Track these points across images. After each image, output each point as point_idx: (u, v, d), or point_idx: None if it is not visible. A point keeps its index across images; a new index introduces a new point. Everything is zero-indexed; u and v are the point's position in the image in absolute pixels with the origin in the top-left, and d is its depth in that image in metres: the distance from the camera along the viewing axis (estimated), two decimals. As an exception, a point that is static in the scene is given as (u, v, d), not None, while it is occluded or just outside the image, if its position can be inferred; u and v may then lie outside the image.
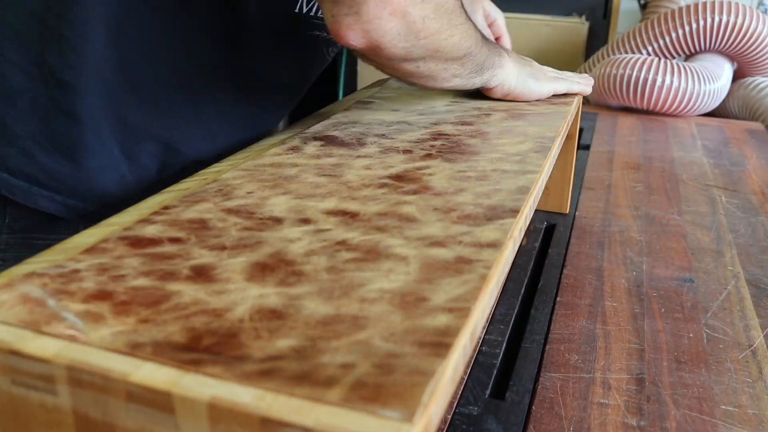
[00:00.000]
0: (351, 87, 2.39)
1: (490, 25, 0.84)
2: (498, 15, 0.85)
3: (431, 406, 0.23)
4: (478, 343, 0.56)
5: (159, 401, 0.23)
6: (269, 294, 0.30)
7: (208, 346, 0.26)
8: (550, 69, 0.73)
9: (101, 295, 0.29)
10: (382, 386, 0.23)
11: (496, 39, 0.85)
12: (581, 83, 0.73)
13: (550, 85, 0.69)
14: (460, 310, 0.28)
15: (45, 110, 0.51)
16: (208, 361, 0.25)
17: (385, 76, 0.84)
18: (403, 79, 0.55)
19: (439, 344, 0.26)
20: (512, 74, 0.65)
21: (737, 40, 1.39)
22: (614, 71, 1.36)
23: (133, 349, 0.25)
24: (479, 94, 0.68)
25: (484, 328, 0.59)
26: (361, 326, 0.27)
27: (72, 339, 0.26)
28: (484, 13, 0.83)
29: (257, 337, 0.26)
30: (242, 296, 0.29)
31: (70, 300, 0.29)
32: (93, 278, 0.31)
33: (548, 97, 0.70)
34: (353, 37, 0.46)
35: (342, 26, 0.46)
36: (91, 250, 0.33)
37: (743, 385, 0.52)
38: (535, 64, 0.70)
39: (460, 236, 0.36)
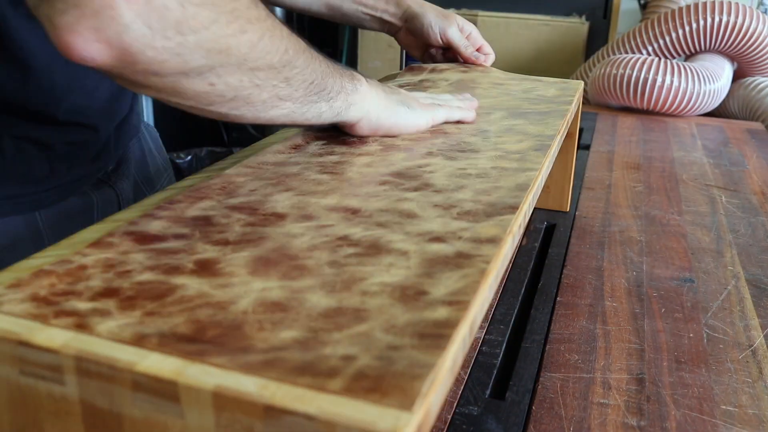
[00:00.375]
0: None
1: (467, 38, 0.84)
2: (472, 28, 0.85)
3: (430, 395, 0.23)
4: (478, 342, 0.57)
5: (165, 390, 0.24)
6: (272, 287, 0.30)
7: (212, 338, 0.26)
8: (424, 95, 0.62)
9: (108, 290, 0.30)
10: (382, 377, 0.24)
11: (477, 49, 0.85)
12: (463, 108, 0.60)
13: (426, 114, 0.57)
14: (460, 303, 0.29)
15: None
16: (213, 352, 0.25)
17: (385, 76, 0.84)
18: (209, 114, 0.41)
19: (439, 336, 0.26)
20: (377, 103, 0.52)
21: (737, 40, 1.39)
22: (614, 71, 1.37)
23: (140, 341, 0.26)
24: (480, 93, 0.68)
25: (483, 326, 0.59)
26: (362, 318, 0.28)
27: (79, 329, 0.26)
28: (458, 27, 0.83)
29: (261, 328, 0.27)
30: (246, 289, 0.30)
31: (77, 293, 0.29)
32: (99, 273, 0.31)
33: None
34: (83, 45, 0.32)
35: (63, 32, 0.32)
36: (96, 244, 0.34)
37: (743, 385, 0.52)
38: (403, 91, 0.58)
39: (459, 232, 0.36)
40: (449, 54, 0.85)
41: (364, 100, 0.51)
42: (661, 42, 1.45)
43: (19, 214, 0.59)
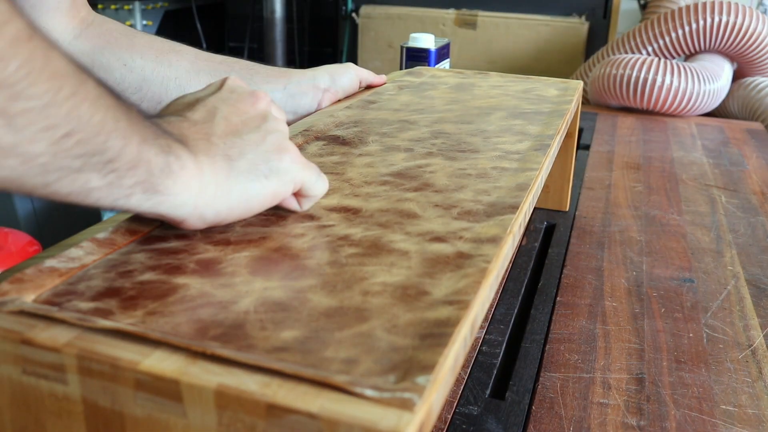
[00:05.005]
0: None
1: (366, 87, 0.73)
2: (367, 74, 0.73)
3: (432, 394, 0.23)
4: (479, 342, 0.57)
5: (167, 389, 0.24)
6: (274, 287, 0.30)
7: (214, 337, 0.26)
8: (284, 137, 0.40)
9: (110, 289, 0.30)
10: (384, 376, 0.24)
11: (368, 87, 0.74)
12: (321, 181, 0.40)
13: (290, 178, 0.37)
14: (461, 302, 0.29)
15: None
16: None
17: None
18: None
19: (440, 335, 0.26)
20: (211, 185, 0.34)
21: (737, 40, 1.39)
22: (614, 71, 1.37)
23: (141, 340, 0.26)
24: (480, 94, 0.69)
25: (483, 326, 0.59)
26: (364, 318, 0.28)
27: (82, 326, 0.27)
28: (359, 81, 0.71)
29: (262, 328, 0.27)
30: (247, 289, 0.30)
31: (80, 293, 0.29)
32: (101, 273, 0.31)
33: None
34: None
35: None
36: (98, 244, 0.34)
37: (743, 384, 0.52)
38: (251, 141, 0.37)
39: (460, 232, 0.36)
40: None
41: (188, 188, 0.33)
42: (661, 42, 1.45)
43: None
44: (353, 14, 2.26)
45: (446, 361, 0.25)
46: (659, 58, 1.38)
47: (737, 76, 1.51)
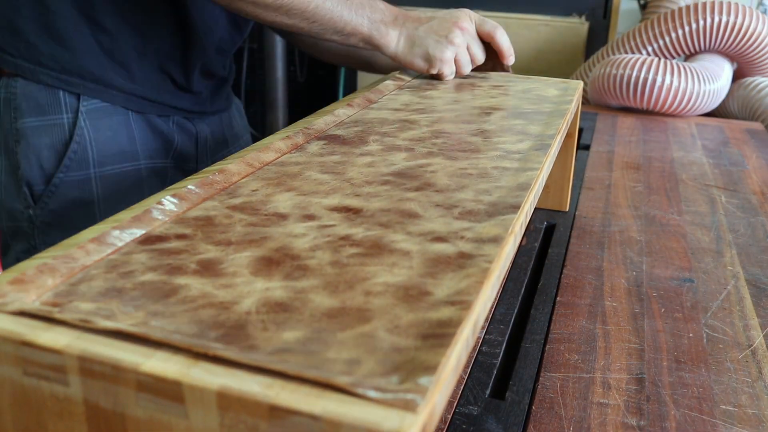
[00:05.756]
0: (351, 86, 2.40)
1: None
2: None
3: (434, 396, 0.23)
4: (479, 342, 0.57)
5: (169, 391, 0.24)
6: (275, 287, 0.30)
7: (216, 338, 0.26)
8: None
9: (111, 290, 0.30)
10: (387, 377, 0.24)
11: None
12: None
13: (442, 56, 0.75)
14: (463, 303, 0.29)
15: (40, 12, 0.72)
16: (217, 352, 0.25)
17: (383, 77, 0.84)
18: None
19: (442, 336, 0.26)
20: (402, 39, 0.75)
21: (737, 40, 1.39)
22: (614, 71, 1.37)
23: (143, 341, 0.26)
24: (480, 94, 0.69)
25: (483, 326, 0.59)
26: (366, 319, 0.28)
27: (84, 325, 0.26)
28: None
29: (264, 329, 0.27)
30: (249, 289, 0.30)
31: (81, 294, 0.29)
32: (102, 274, 0.31)
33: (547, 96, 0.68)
34: None
35: None
36: (99, 244, 0.34)
37: (743, 384, 0.52)
38: (432, 29, 0.76)
39: (461, 232, 0.36)
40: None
41: (390, 40, 0.74)
42: (661, 42, 1.45)
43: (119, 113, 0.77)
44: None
45: (449, 362, 0.25)
46: (659, 58, 1.38)
47: (737, 76, 1.51)
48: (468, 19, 0.76)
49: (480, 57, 0.78)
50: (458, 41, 0.74)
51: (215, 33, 0.83)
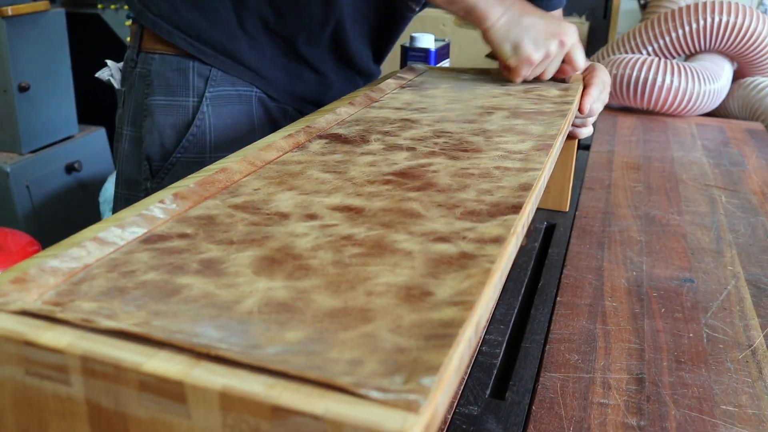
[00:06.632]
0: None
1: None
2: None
3: (437, 396, 0.23)
4: (479, 342, 0.57)
5: (171, 391, 0.24)
6: (277, 287, 0.30)
7: (218, 338, 0.26)
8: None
9: (112, 289, 0.30)
10: (389, 377, 0.24)
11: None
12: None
13: (542, 53, 0.73)
14: (465, 303, 0.29)
15: None
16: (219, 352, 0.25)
17: (384, 75, 0.84)
18: None
19: (445, 336, 0.26)
20: (503, 19, 0.73)
21: (737, 40, 1.39)
22: (614, 71, 1.37)
23: (145, 340, 0.26)
24: (482, 93, 0.68)
25: (484, 326, 0.59)
26: (368, 319, 0.28)
27: (86, 325, 0.26)
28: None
29: (266, 329, 0.27)
30: (251, 289, 0.30)
31: (82, 293, 0.29)
32: (104, 273, 0.31)
33: (550, 96, 0.68)
34: None
35: None
36: (100, 244, 0.34)
37: (743, 385, 0.52)
38: (537, 29, 0.74)
39: (463, 232, 0.36)
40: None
41: (493, 15, 0.72)
42: (661, 42, 1.45)
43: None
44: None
45: (451, 362, 0.25)
46: (659, 58, 1.38)
47: (737, 76, 1.51)
48: (573, 37, 0.73)
49: (548, 76, 0.76)
50: (553, 51, 0.72)
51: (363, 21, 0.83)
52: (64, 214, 2.02)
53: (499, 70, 0.84)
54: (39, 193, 1.93)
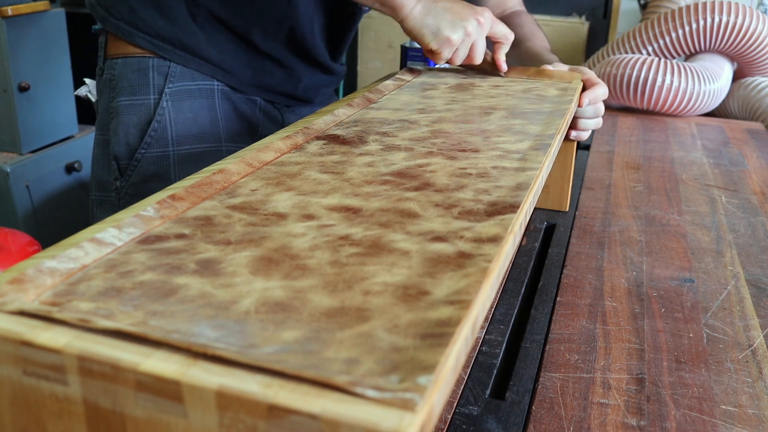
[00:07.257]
0: (351, 86, 2.40)
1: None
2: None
3: (433, 395, 0.23)
4: (479, 342, 0.57)
5: (168, 390, 0.24)
6: (274, 287, 0.30)
7: (215, 337, 0.26)
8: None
9: (110, 290, 0.30)
10: (385, 376, 0.24)
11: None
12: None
13: (450, 37, 0.74)
14: (462, 302, 0.29)
15: None
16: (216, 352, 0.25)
17: (384, 76, 0.84)
18: None
19: (441, 335, 0.26)
20: (417, 8, 0.74)
21: (737, 40, 1.39)
22: (614, 71, 1.37)
23: (142, 341, 0.26)
24: (480, 93, 0.69)
25: (483, 326, 0.59)
26: (365, 318, 0.28)
27: (84, 324, 0.26)
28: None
29: (263, 328, 0.27)
30: (248, 289, 0.30)
31: (80, 294, 0.29)
32: (101, 273, 0.31)
33: (549, 95, 0.69)
34: None
35: None
36: (98, 244, 0.34)
37: (743, 385, 0.52)
38: (449, 10, 0.76)
39: (461, 231, 0.36)
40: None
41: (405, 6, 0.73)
42: (661, 42, 1.45)
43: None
44: (353, 14, 2.25)
45: (448, 361, 0.25)
46: (659, 58, 1.38)
47: (737, 76, 1.51)
48: (488, 16, 0.76)
49: (479, 57, 0.78)
50: (471, 30, 0.74)
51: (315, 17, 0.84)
52: (64, 214, 2.02)
53: (498, 71, 0.84)
54: (39, 193, 1.93)
